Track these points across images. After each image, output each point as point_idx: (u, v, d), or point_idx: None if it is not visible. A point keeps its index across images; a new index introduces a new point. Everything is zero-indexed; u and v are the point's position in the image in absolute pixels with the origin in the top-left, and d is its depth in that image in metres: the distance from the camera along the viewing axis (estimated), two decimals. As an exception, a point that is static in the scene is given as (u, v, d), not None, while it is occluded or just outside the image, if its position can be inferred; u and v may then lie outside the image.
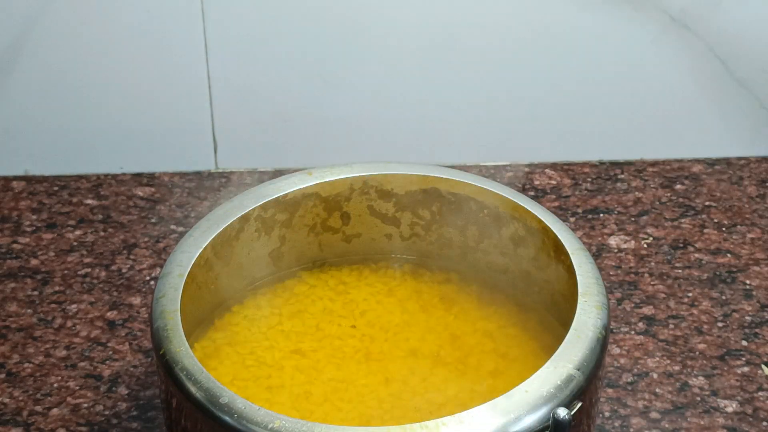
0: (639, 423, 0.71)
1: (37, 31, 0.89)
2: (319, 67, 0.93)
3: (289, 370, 0.64)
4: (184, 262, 0.63)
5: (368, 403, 0.62)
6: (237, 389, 0.62)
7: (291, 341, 0.67)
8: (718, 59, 0.92)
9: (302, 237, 0.72)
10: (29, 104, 0.93)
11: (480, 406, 0.52)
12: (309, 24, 0.90)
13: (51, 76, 0.92)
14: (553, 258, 0.66)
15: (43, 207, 0.92)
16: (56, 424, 0.71)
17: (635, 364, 0.75)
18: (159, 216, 0.91)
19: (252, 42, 0.91)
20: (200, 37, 0.90)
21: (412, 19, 0.91)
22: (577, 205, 0.92)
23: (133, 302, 0.81)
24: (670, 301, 0.81)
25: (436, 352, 0.66)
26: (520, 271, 0.70)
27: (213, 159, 0.97)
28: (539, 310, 0.69)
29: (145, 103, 0.94)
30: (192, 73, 0.92)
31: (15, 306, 0.81)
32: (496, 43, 0.92)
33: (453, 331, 0.68)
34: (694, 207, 0.92)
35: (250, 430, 0.52)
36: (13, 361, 0.76)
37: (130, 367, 0.76)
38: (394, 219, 0.73)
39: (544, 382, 0.54)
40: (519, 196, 0.69)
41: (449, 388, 0.63)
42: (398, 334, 0.67)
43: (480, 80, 0.94)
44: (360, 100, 0.94)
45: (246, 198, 0.69)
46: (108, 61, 0.91)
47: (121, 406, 0.72)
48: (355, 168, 0.71)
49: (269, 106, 0.95)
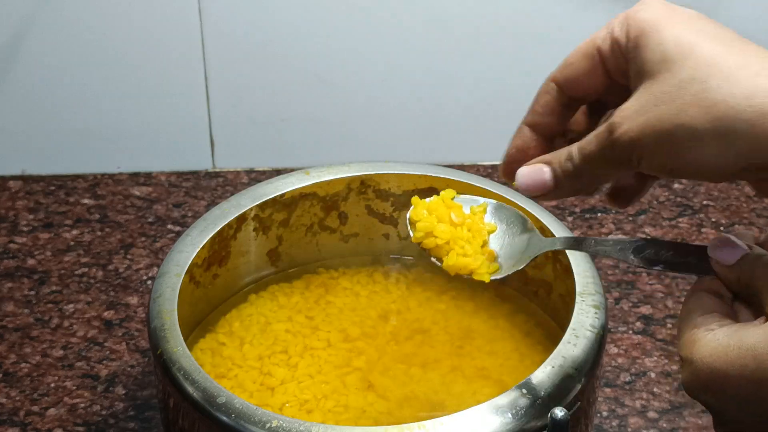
0: (637, 422, 0.71)
1: (34, 31, 0.89)
2: (316, 66, 0.93)
3: (288, 370, 0.64)
4: (181, 262, 0.63)
5: (367, 402, 0.62)
6: (234, 389, 0.62)
7: (289, 341, 0.67)
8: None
9: (300, 237, 0.72)
10: (26, 104, 0.93)
11: (478, 406, 0.52)
12: (306, 23, 0.90)
13: (48, 76, 0.92)
14: (551, 257, 0.66)
15: (39, 207, 0.92)
16: (53, 424, 0.71)
17: (633, 364, 0.75)
18: (156, 215, 0.91)
19: (249, 41, 0.91)
20: (197, 36, 0.90)
21: (411, 18, 0.90)
22: (575, 204, 0.92)
23: (130, 302, 0.81)
24: (667, 300, 0.81)
25: (434, 351, 0.66)
26: (517, 271, 0.70)
27: (210, 158, 0.97)
28: (537, 310, 0.69)
29: (142, 102, 0.94)
30: (189, 73, 0.92)
31: (12, 306, 0.81)
32: (495, 43, 0.92)
33: (451, 331, 0.68)
34: (692, 206, 0.92)
35: (247, 429, 0.52)
36: (10, 361, 0.76)
37: (127, 367, 0.75)
38: (392, 219, 0.73)
39: (541, 382, 0.54)
40: (517, 195, 0.69)
41: (447, 387, 0.63)
42: (396, 333, 0.67)
43: (478, 79, 0.94)
44: (357, 99, 0.94)
45: (243, 197, 0.69)
46: (105, 60, 0.91)
47: (119, 406, 0.72)
48: (352, 167, 0.71)
49: (266, 106, 0.94)
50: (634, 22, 0.46)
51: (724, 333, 0.43)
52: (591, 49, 0.48)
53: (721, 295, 0.46)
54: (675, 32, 0.44)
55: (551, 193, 0.49)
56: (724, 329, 0.43)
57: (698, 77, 0.42)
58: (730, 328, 0.43)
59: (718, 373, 0.42)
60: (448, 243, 0.54)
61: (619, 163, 0.46)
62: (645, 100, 0.44)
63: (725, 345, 0.42)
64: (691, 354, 0.44)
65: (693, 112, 0.42)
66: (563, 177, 0.49)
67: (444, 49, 0.92)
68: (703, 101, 0.42)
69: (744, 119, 0.41)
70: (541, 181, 0.49)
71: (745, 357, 0.42)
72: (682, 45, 0.44)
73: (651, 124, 0.43)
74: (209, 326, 0.68)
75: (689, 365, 0.44)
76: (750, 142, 0.41)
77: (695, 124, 0.42)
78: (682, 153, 0.43)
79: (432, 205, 0.55)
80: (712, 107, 0.42)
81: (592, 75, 0.49)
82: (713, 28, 0.45)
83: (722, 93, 0.42)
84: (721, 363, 0.42)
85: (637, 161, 0.44)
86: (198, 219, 0.67)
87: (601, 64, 0.48)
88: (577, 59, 0.49)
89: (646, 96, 0.44)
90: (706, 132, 0.42)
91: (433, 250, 0.55)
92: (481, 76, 0.94)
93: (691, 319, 0.45)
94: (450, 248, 0.54)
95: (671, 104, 0.43)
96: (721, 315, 0.45)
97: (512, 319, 0.69)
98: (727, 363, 0.42)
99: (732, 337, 0.42)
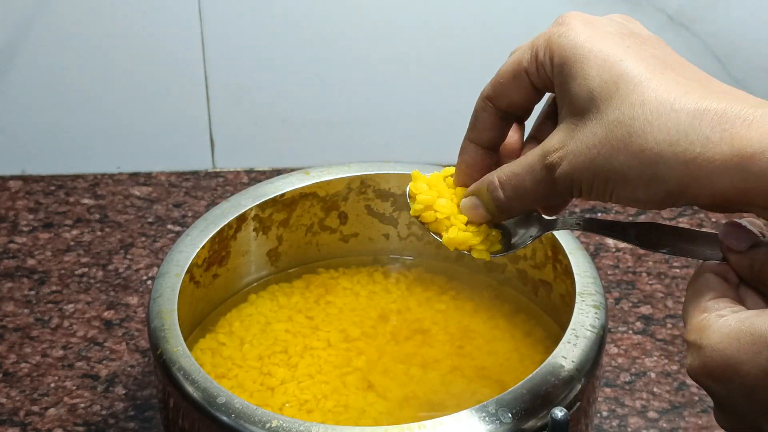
0: (637, 422, 0.71)
1: (34, 31, 0.89)
2: (316, 66, 0.93)
3: (288, 370, 0.64)
4: (181, 262, 0.63)
5: (367, 402, 0.62)
6: (234, 389, 0.62)
7: (289, 341, 0.67)
8: (716, 58, 0.92)
9: (300, 237, 0.72)
10: (26, 104, 0.93)
11: (477, 406, 0.52)
12: (306, 23, 0.90)
13: (48, 75, 0.92)
14: (551, 257, 0.66)
15: (39, 206, 0.92)
16: (53, 424, 0.71)
17: (633, 364, 0.75)
18: (156, 215, 0.91)
19: (249, 41, 0.91)
20: (197, 36, 0.90)
21: (410, 18, 0.91)
22: (575, 204, 0.92)
23: (130, 302, 0.81)
24: (668, 300, 0.81)
25: (434, 351, 0.66)
26: (517, 271, 0.70)
27: (210, 158, 0.97)
28: (537, 310, 0.69)
29: (142, 102, 0.94)
30: (189, 73, 0.92)
31: (12, 306, 0.81)
32: (494, 43, 0.92)
33: (450, 331, 0.68)
34: (691, 206, 0.92)
35: (247, 429, 0.52)
36: (10, 361, 0.76)
37: (127, 366, 0.75)
38: (392, 219, 0.73)
39: (541, 381, 0.54)
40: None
41: (447, 387, 0.63)
42: (396, 333, 0.67)
43: (477, 79, 0.94)
44: (357, 99, 0.94)
45: (243, 197, 0.69)
46: (105, 60, 0.91)
47: (118, 406, 0.72)
48: (352, 167, 0.71)
49: (266, 106, 0.94)
50: (558, 49, 0.47)
51: (735, 319, 0.42)
52: (518, 69, 0.50)
53: (728, 279, 0.46)
54: (599, 63, 0.45)
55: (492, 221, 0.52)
56: (736, 315, 0.42)
57: (624, 120, 0.43)
58: (742, 314, 0.42)
59: (728, 360, 0.42)
60: (449, 218, 0.53)
61: (557, 194, 0.47)
62: (579, 141, 0.45)
63: (737, 331, 0.42)
64: (700, 339, 0.43)
65: (622, 159, 0.44)
66: (496, 211, 0.51)
67: (444, 48, 0.92)
68: (630, 146, 0.43)
69: (670, 166, 0.42)
70: (478, 214, 0.52)
71: (758, 344, 0.41)
72: (607, 82, 0.44)
73: (586, 167, 0.45)
74: (209, 326, 0.68)
75: (697, 350, 0.43)
76: (678, 184, 0.43)
77: (625, 170, 0.44)
78: (616, 191, 0.45)
79: (432, 180, 0.54)
80: (639, 154, 0.43)
81: (523, 92, 0.50)
82: (638, 46, 0.46)
83: (647, 139, 0.43)
84: (732, 350, 0.41)
85: (577, 193, 0.46)
86: (198, 219, 0.67)
87: (530, 83, 0.49)
88: (506, 79, 0.51)
89: (579, 136, 0.45)
90: (637, 177, 0.43)
91: (432, 225, 0.53)
92: (482, 76, 0.93)
93: (699, 303, 0.45)
94: (450, 224, 0.53)
95: (602, 149, 0.44)
96: (731, 300, 0.44)
97: (512, 319, 0.69)
98: (739, 350, 0.41)
99: (744, 323, 0.42)
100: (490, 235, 0.53)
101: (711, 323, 0.43)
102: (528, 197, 0.49)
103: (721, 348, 0.42)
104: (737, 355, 0.41)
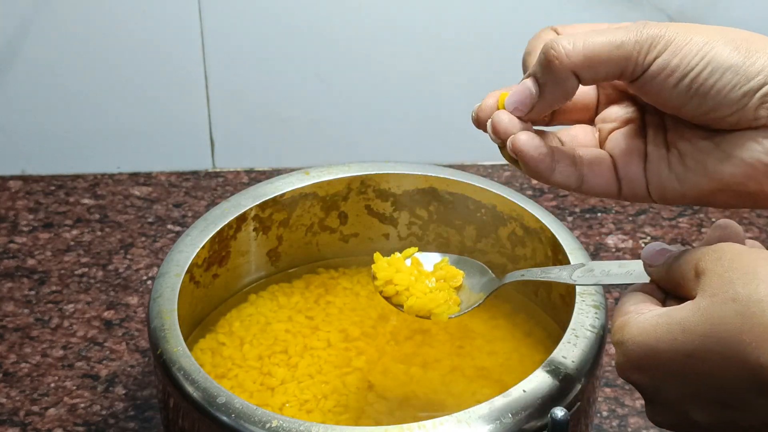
0: (637, 422, 0.71)
1: (34, 31, 0.89)
2: (316, 66, 0.93)
3: (288, 370, 0.64)
4: (181, 262, 0.63)
5: (367, 402, 0.62)
6: (234, 389, 0.62)
7: (289, 341, 0.67)
8: (716, 58, 0.92)
9: (300, 237, 0.72)
10: (26, 104, 0.93)
11: (478, 406, 0.52)
12: (306, 24, 0.90)
13: (48, 75, 0.92)
14: (551, 257, 0.66)
15: (39, 206, 0.92)
16: (53, 424, 0.71)
17: (633, 364, 0.75)
18: (156, 215, 0.91)
19: (249, 41, 0.91)
20: (197, 36, 0.90)
21: (410, 18, 0.91)
22: (575, 204, 0.92)
23: (130, 302, 0.81)
24: (667, 300, 0.81)
25: (434, 351, 0.66)
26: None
27: (210, 158, 0.97)
28: (537, 310, 0.69)
29: (142, 102, 0.94)
30: (189, 73, 0.92)
31: (12, 306, 0.81)
32: (494, 42, 0.92)
33: (451, 331, 0.67)
34: (691, 206, 0.92)
35: (247, 429, 0.52)
36: (10, 361, 0.76)
37: (127, 367, 0.75)
38: (392, 219, 0.73)
39: (542, 381, 0.54)
40: (516, 195, 0.69)
41: (446, 387, 0.63)
42: (396, 333, 0.67)
43: (477, 79, 0.94)
44: (357, 99, 0.94)
45: (243, 197, 0.69)
46: (105, 61, 0.91)
47: (118, 406, 0.72)
48: (352, 167, 0.71)
49: (266, 106, 0.95)
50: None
51: (653, 314, 0.44)
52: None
53: (654, 296, 0.47)
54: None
55: (534, 109, 0.48)
56: (654, 311, 0.44)
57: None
58: (660, 310, 0.44)
59: (648, 349, 0.43)
60: (407, 289, 0.60)
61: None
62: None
63: (654, 323, 0.43)
64: (621, 336, 0.45)
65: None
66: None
67: (444, 48, 0.92)
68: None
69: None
70: (527, 93, 0.48)
71: (674, 331, 0.42)
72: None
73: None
74: (209, 326, 0.68)
75: (620, 347, 0.45)
76: None
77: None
78: None
79: (392, 260, 0.61)
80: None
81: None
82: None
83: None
84: (651, 339, 0.43)
85: None
86: (198, 219, 0.67)
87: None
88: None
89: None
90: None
91: (394, 298, 0.60)
92: (482, 76, 0.94)
93: (621, 309, 0.46)
94: (409, 294, 0.59)
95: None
96: (652, 304, 0.46)
97: (512, 319, 0.69)
98: (657, 338, 0.43)
99: (661, 316, 0.43)
100: (449, 300, 0.59)
101: (630, 321, 0.45)
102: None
103: (640, 340, 0.44)
104: (656, 343, 0.43)
